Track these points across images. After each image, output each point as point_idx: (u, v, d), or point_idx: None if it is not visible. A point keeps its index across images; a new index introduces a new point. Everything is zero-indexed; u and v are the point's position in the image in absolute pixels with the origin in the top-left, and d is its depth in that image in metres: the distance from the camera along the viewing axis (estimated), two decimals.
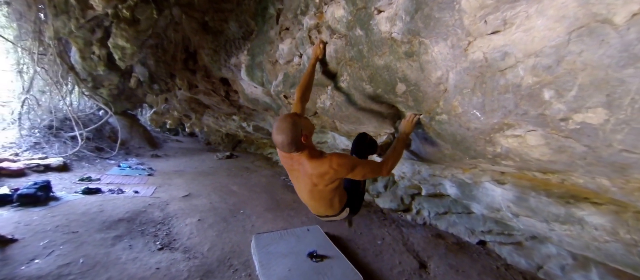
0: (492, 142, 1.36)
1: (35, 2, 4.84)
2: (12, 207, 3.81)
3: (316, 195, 1.46)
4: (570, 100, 0.94)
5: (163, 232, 3.64)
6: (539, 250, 2.99)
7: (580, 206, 1.81)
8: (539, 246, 2.98)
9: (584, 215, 1.80)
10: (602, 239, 1.78)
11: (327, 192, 1.42)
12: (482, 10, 0.97)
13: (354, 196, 1.65)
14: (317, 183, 1.39)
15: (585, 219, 1.83)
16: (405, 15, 1.23)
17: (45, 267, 2.71)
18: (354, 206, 1.65)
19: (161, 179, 5.93)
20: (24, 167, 5.21)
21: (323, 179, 1.37)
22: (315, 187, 1.41)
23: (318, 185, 1.40)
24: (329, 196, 1.46)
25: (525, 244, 3.15)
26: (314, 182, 1.39)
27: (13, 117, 6.88)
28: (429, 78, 1.32)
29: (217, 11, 2.91)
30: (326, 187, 1.40)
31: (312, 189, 1.43)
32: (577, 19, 0.80)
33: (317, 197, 1.46)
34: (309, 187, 1.43)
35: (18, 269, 2.64)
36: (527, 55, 0.95)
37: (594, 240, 1.84)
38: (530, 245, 3.08)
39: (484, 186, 2.60)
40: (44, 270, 2.66)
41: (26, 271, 2.63)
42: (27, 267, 2.69)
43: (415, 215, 4.40)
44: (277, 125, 1.29)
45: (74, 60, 6.10)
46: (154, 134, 10.49)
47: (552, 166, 1.40)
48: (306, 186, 1.45)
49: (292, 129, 1.26)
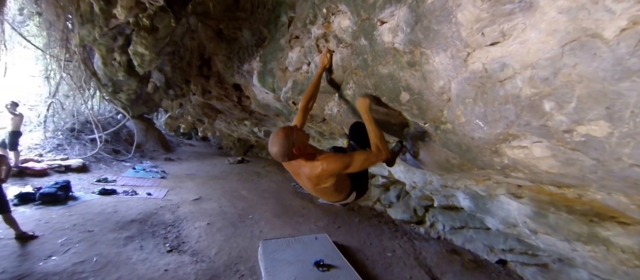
0: (498, 152, 1.35)
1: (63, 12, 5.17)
2: (34, 205, 3.99)
3: (320, 191, 1.57)
4: (571, 112, 0.94)
5: (173, 235, 3.70)
6: (568, 275, 2.70)
7: (605, 225, 1.69)
8: (567, 269, 2.70)
9: (609, 235, 1.69)
10: (630, 264, 1.66)
11: (329, 187, 1.51)
12: (478, 23, 0.98)
13: (358, 180, 1.72)
14: (317, 182, 1.49)
15: (610, 240, 1.72)
16: (406, 26, 1.26)
17: (62, 263, 2.80)
18: (360, 189, 1.73)
19: (173, 182, 6.07)
20: (47, 168, 5.47)
21: (321, 179, 1.46)
22: (317, 186, 1.51)
23: (319, 183, 1.50)
24: (332, 189, 1.54)
25: (552, 267, 2.89)
26: (314, 182, 1.49)
27: (39, 120, 7.29)
28: (432, 87, 1.34)
29: (232, 20, 3.00)
30: (326, 184, 1.49)
31: (315, 187, 1.54)
32: (568, 33, 0.81)
33: (322, 192, 1.57)
34: (312, 186, 1.55)
35: (36, 265, 2.74)
36: (524, 67, 0.96)
37: (621, 264, 1.72)
38: (558, 268, 2.82)
39: (499, 199, 2.49)
40: (60, 266, 2.75)
41: (43, 267, 2.73)
42: (44, 263, 2.79)
43: (429, 228, 4.25)
44: (271, 139, 1.42)
45: (96, 66, 6.44)
46: (168, 138, 10.82)
47: (564, 180, 1.35)
48: (310, 186, 1.56)
49: (283, 142, 1.38)
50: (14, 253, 2.91)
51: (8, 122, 5.45)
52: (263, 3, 2.71)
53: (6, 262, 2.74)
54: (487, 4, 0.93)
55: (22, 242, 3.08)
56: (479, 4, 0.95)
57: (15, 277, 2.54)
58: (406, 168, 3.39)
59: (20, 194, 4.03)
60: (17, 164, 5.19)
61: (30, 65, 7.61)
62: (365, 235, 4.12)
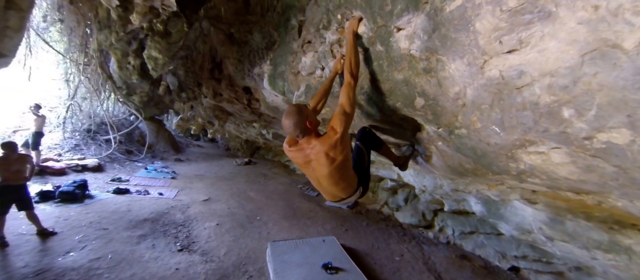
0: (514, 158, 1.34)
1: (83, 19, 5.41)
2: (53, 202, 4.16)
3: (335, 173, 1.50)
4: (591, 119, 0.93)
5: (183, 234, 3.78)
6: None
7: (627, 233, 1.64)
8: (585, 278, 2.61)
9: (631, 243, 1.64)
10: None
11: (343, 163, 1.49)
12: (496, 32, 0.99)
13: (362, 174, 1.72)
14: (334, 156, 1.44)
15: (632, 249, 1.66)
16: (423, 34, 1.27)
17: (79, 259, 2.91)
18: (365, 184, 1.73)
19: (183, 182, 6.20)
20: (65, 167, 5.70)
21: (336, 149, 1.43)
22: (334, 163, 1.46)
23: (336, 158, 1.45)
24: (346, 169, 1.52)
25: (568, 275, 2.80)
26: (330, 156, 1.45)
27: (59, 121, 7.61)
28: (447, 93, 1.34)
29: (243, 23, 3.06)
30: (342, 157, 1.45)
31: (331, 166, 1.47)
32: (588, 43, 0.81)
33: (337, 174, 1.52)
34: (327, 167, 1.48)
35: (56, 260, 2.86)
36: (542, 75, 0.95)
37: None
38: (575, 277, 2.72)
39: (513, 205, 2.43)
40: (77, 262, 2.86)
41: (62, 262, 2.84)
42: (63, 258, 2.91)
43: (438, 233, 4.18)
44: (285, 112, 1.48)
45: (112, 70, 6.68)
46: (177, 139, 11.06)
47: (583, 186, 1.33)
48: (325, 167, 1.48)
49: (297, 114, 1.44)
50: (35, 248, 3.04)
51: (31, 123, 5.72)
52: (273, 6, 2.76)
53: (28, 257, 2.87)
54: (506, 14, 0.94)
55: (42, 237, 3.22)
56: (498, 14, 0.95)
57: (36, 271, 2.66)
58: (416, 172, 3.35)
59: (42, 192, 4.21)
60: (38, 163, 5.43)
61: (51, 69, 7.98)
62: (372, 239, 4.09)
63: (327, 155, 1.45)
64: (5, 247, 2.97)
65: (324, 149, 1.45)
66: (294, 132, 1.46)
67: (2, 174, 3.09)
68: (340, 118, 1.44)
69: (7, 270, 2.66)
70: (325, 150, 1.45)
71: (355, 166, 1.70)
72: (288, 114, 1.45)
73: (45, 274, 2.64)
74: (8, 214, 3.10)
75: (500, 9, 0.94)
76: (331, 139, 1.43)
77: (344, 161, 1.48)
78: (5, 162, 3.12)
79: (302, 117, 1.43)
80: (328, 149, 1.44)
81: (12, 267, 2.70)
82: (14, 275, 2.59)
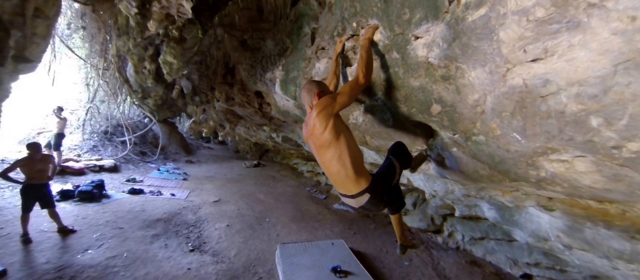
0: (535, 165, 1.30)
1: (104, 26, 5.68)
2: (73, 201, 4.34)
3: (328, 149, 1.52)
4: (622, 129, 0.91)
5: (195, 235, 3.86)
6: None
7: None
8: None
9: None
10: None
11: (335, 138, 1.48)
12: (521, 41, 0.97)
13: (384, 187, 1.62)
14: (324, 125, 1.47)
15: None
16: (442, 42, 1.26)
17: (97, 257, 3.02)
18: (379, 195, 1.58)
19: (194, 183, 6.34)
20: (84, 167, 5.94)
21: (321, 117, 1.48)
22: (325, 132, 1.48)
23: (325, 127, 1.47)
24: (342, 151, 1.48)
25: None
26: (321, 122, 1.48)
27: (79, 123, 7.95)
28: (466, 100, 1.32)
29: (256, 30, 3.16)
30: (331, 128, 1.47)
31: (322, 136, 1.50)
32: (622, 53, 0.79)
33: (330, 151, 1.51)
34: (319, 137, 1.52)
35: (75, 257, 2.98)
36: (570, 84, 0.93)
37: None
38: None
39: (528, 211, 2.38)
40: (95, 260, 2.97)
41: (81, 260, 2.96)
42: (82, 256, 3.03)
43: (447, 238, 4.11)
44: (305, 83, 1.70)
45: (128, 74, 6.95)
46: (189, 141, 11.32)
47: (608, 195, 1.29)
48: (318, 138, 1.52)
49: (311, 82, 1.67)
50: (56, 245, 3.18)
51: (54, 125, 6.00)
52: (286, 14, 2.84)
53: (49, 253, 3.01)
54: (532, 24, 0.93)
55: (63, 235, 3.36)
56: (524, 24, 0.94)
57: (57, 268, 2.78)
58: (426, 176, 3.32)
59: (62, 191, 4.40)
60: (60, 163, 5.67)
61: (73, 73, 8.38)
62: (381, 243, 4.07)
63: (312, 130, 1.53)
64: (29, 243, 3.11)
65: (311, 123, 1.54)
66: (306, 98, 1.64)
67: (27, 173, 3.25)
68: (327, 100, 1.51)
69: (30, 266, 2.79)
70: (311, 127, 1.53)
71: (381, 178, 1.63)
72: (305, 84, 1.67)
73: (66, 271, 2.76)
74: (31, 211, 3.26)
75: (526, 19, 0.93)
76: (312, 116, 1.52)
77: (335, 136, 1.48)
78: (30, 162, 3.29)
79: (315, 86, 1.62)
80: (312, 125, 1.52)
81: (35, 263, 2.84)
82: (36, 271, 2.71)
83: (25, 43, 3.73)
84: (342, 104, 1.51)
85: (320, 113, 1.47)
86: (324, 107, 1.48)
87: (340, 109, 1.51)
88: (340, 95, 1.51)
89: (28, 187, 3.24)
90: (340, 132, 1.49)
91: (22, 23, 3.51)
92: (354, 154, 1.51)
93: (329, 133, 1.47)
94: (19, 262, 2.81)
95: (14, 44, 3.54)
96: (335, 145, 1.48)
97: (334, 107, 1.49)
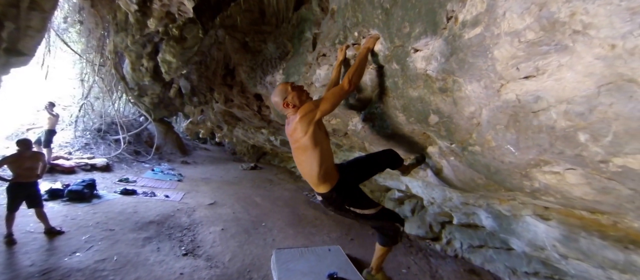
0: (529, 176, 1.35)
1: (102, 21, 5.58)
2: (61, 201, 4.20)
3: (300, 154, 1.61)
4: (607, 145, 0.95)
5: (188, 238, 3.76)
6: None
7: None
8: None
9: None
10: None
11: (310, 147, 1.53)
12: (513, 59, 1.02)
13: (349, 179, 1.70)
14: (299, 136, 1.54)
15: None
16: (440, 56, 1.30)
17: (85, 260, 2.91)
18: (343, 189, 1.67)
19: (189, 185, 6.22)
20: (75, 165, 5.78)
21: (298, 130, 1.53)
22: (298, 142, 1.56)
23: (299, 138, 1.54)
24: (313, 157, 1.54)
25: None
26: (297, 133, 1.54)
27: (71, 120, 7.77)
28: (462, 112, 1.36)
29: (258, 33, 3.14)
30: (306, 139, 1.52)
31: (296, 144, 1.59)
32: (605, 76, 0.84)
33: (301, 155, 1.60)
34: (294, 144, 1.61)
35: (62, 260, 2.87)
36: (559, 101, 0.98)
37: None
38: None
39: (525, 220, 2.39)
40: (83, 263, 2.86)
41: (69, 262, 2.84)
42: (69, 258, 2.91)
43: (446, 246, 4.09)
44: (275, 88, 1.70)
45: (125, 71, 6.84)
46: (185, 141, 11.17)
47: (598, 206, 1.33)
48: (294, 144, 1.61)
49: (281, 87, 1.65)
50: (42, 247, 3.05)
51: (45, 121, 5.84)
52: (288, 18, 2.83)
53: (35, 255, 2.88)
54: (524, 45, 0.97)
55: (50, 236, 3.23)
56: (516, 44, 0.99)
57: (42, 271, 2.66)
58: (424, 183, 3.32)
59: (51, 190, 4.26)
60: (49, 160, 5.52)
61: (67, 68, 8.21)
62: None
63: (292, 132, 1.58)
64: (13, 244, 2.99)
65: (291, 127, 1.57)
66: (277, 99, 1.64)
67: (15, 170, 3.14)
68: (309, 107, 1.52)
69: (14, 268, 2.67)
70: (291, 130, 1.58)
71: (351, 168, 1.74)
72: (274, 91, 1.67)
73: (51, 274, 2.64)
74: (17, 211, 3.13)
75: (518, 40, 0.98)
76: (294, 120, 1.55)
77: (313, 144, 1.53)
78: (19, 159, 3.18)
79: (284, 91, 1.62)
80: (293, 128, 1.56)
81: (19, 265, 2.71)
82: (20, 274, 2.59)
83: (18, 35, 3.63)
84: (323, 112, 1.53)
85: (303, 118, 1.51)
86: (306, 113, 1.51)
87: (321, 116, 1.54)
88: (323, 102, 1.53)
89: (15, 185, 3.13)
90: (318, 143, 1.54)
91: (16, 15, 3.42)
92: (325, 163, 1.58)
93: (308, 139, 1.52)
94: (2, 265, 2.69)
95: (6, 36, 3.44)
96: (310, 151, 1.55)
97: (316, 113, 1.51)
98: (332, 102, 1.53)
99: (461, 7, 1.13)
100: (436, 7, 1.24)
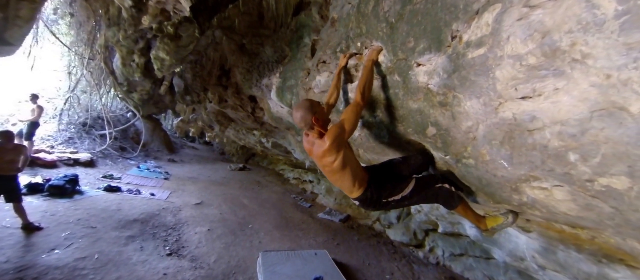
0: (518, 190, 1.41)
1: (94, 14, 5.48)
2: (41, 196, 4.04)
3: (332, 175, 1.66)
4: (595, 165, 1.02)
5: (173, 238, 3.70)
6: None
7: (615, 267, 1.71)
8: None
9: (618, 277, 1.70)
10: None
11: (341, 168, 1.58)
12: (513, 80, 1.09)
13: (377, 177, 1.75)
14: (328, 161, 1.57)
15: None
16: (443, 72, 1.36)
17: (64, 258, 2.81)
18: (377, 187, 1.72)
19: (176, 184, 6.10)
20: (57, 160, 5.57)
21: (326, 157, 1.56)
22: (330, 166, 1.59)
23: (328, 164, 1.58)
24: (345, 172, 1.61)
25: None
26: (324, 160, 1.58)
27: (55, 113, 7.49)
28: (460, 126, 1.42)
29: (255, 35, 3.18)
30: (336, 162, 1.57)
31: (327, 168, 1.62)
32: (598, 102, 0.91)
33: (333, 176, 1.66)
34: (325, 168, 1.63)
35: (39, 257, 2.76)
36: (553, 122, 1.05)
37: None
38: None
39: (507, 231, 2.50)
40: (62, 261, 2.76)
41: (46, 260, 2.74)
42: (47, 255, 2.81)
43: (428, 253, 4.20)
44: (297, 105, 1.64)
45: (115, 65, 6.69)
46: (172, 139, 10.94)
47: (580, 222, 1.41)
48: (324, 168, 1.64)
49: (306, 109, 1.59)
50: (18, 243, 2.93)
51: (27, 112, 5.62)
52: (287, 23, 2.89)
53: (11, 252, 2.77)
54: (524, 68, 1.04)
55: (27, 232, 3.11)
56: (518, 67, 1.05)
57: (18, 268, 2.56)
58: None
59: (30, 184, 4.09)
60: (30, 154, 5.30)
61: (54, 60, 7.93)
62: (364, 255, 4.08)
63: (322, 157, 1.60)
64: None
65: (320, 151, 1.59)
66: (300, 124, 1.61)
67: None
68: (337, 131, 1.54)
69: None
70: (320, 154, 1.59)
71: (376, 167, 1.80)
72: (298, 107, 1.62)
73: (27, 271, 2.54)
74: None
75: (520, 63, 1.04)
76: (322, 146, 1.55)
77: (342, 166, 1.59)
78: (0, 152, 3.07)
79: (310, 113, 1.58)
80: (322, 154, 1.58)
81: None
82: None
83: (6, 25, 3.53)
84: (350, 131, 1.58)
85: (333, 144, 1.53)
86: (334, 139, 1.52)
87: (349, 136, 1.59)
88: (347, 123, 1.56)
89: None
90: (348, 161, 1.59)
91: (5, 4, 3.33)
92: (358, 175, 1.65)
93: (340, 162, 1.57)
94: None
95: None
96: (344, 171, 1.61)
97: (344, 136, 1.56)
98: (354, 122, 1.58)
99: (466, 28, 1.19)
100: (442, 25, 1.29)
